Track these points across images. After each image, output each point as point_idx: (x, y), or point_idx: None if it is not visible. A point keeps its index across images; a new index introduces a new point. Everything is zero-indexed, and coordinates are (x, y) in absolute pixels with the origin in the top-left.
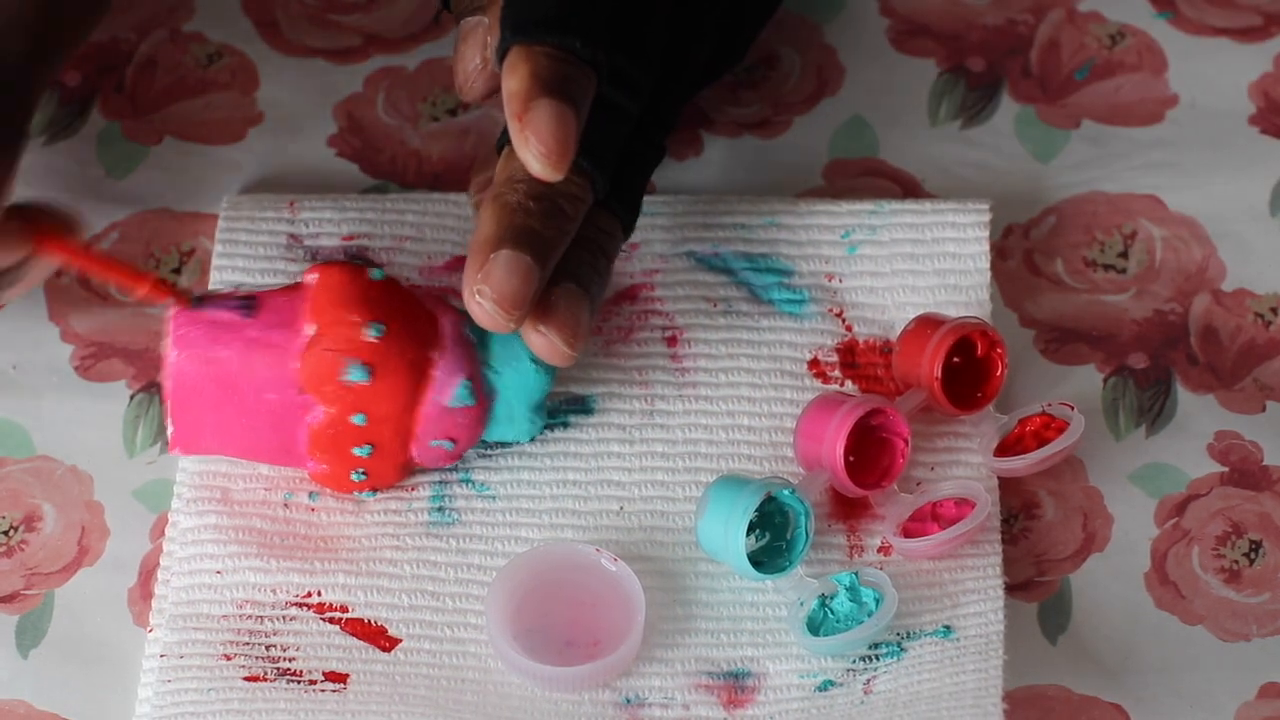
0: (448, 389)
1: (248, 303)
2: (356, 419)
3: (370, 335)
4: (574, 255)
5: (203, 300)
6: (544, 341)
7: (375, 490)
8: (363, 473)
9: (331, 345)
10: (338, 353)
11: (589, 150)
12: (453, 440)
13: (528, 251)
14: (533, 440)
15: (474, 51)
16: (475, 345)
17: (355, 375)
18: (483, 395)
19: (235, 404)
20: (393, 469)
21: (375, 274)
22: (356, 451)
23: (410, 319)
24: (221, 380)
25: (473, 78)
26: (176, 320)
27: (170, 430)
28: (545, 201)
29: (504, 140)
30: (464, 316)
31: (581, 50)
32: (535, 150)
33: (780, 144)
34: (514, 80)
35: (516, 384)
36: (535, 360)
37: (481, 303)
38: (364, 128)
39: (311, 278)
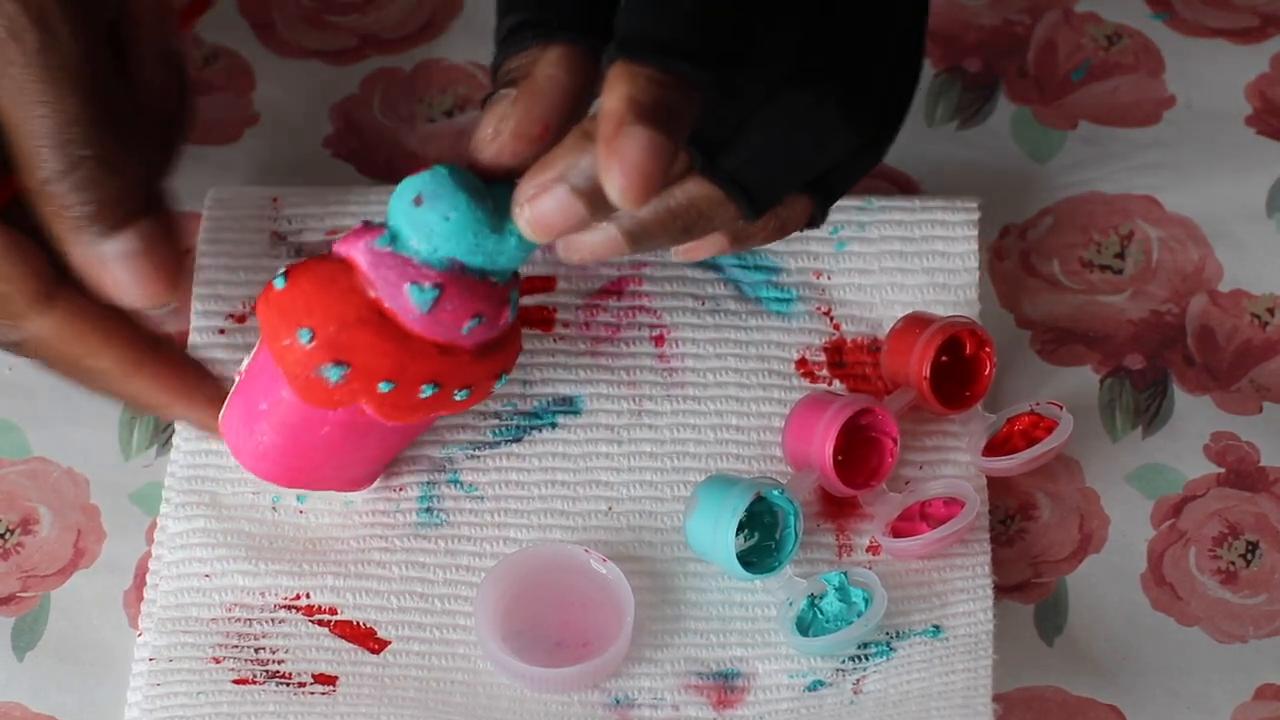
0: (407, 304)
1: None
2: (384, 387)
3: (303, 342)
4: None
5: None
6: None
7: (469, 389)
8: (434, 385)
9: (293, 379)
10: (303, 380)
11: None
12: (478, 315)
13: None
14: (521, 436)
15: (489, 120)
16: (392, 250)
17: (334, 375)
18: (437, 273)
19: (342, 442)
20: (460, 369)
21: (278, 283)
22: (421, 395)
23: (332, 297)
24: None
25: (478, 145)
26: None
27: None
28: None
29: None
30: (374, 229)
31: (689, 73)
32: (617, 181)
33: None
34: (610, 99)
35: (450, 233)
36: (448, 218)
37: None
38: (360, 129)
39: None
